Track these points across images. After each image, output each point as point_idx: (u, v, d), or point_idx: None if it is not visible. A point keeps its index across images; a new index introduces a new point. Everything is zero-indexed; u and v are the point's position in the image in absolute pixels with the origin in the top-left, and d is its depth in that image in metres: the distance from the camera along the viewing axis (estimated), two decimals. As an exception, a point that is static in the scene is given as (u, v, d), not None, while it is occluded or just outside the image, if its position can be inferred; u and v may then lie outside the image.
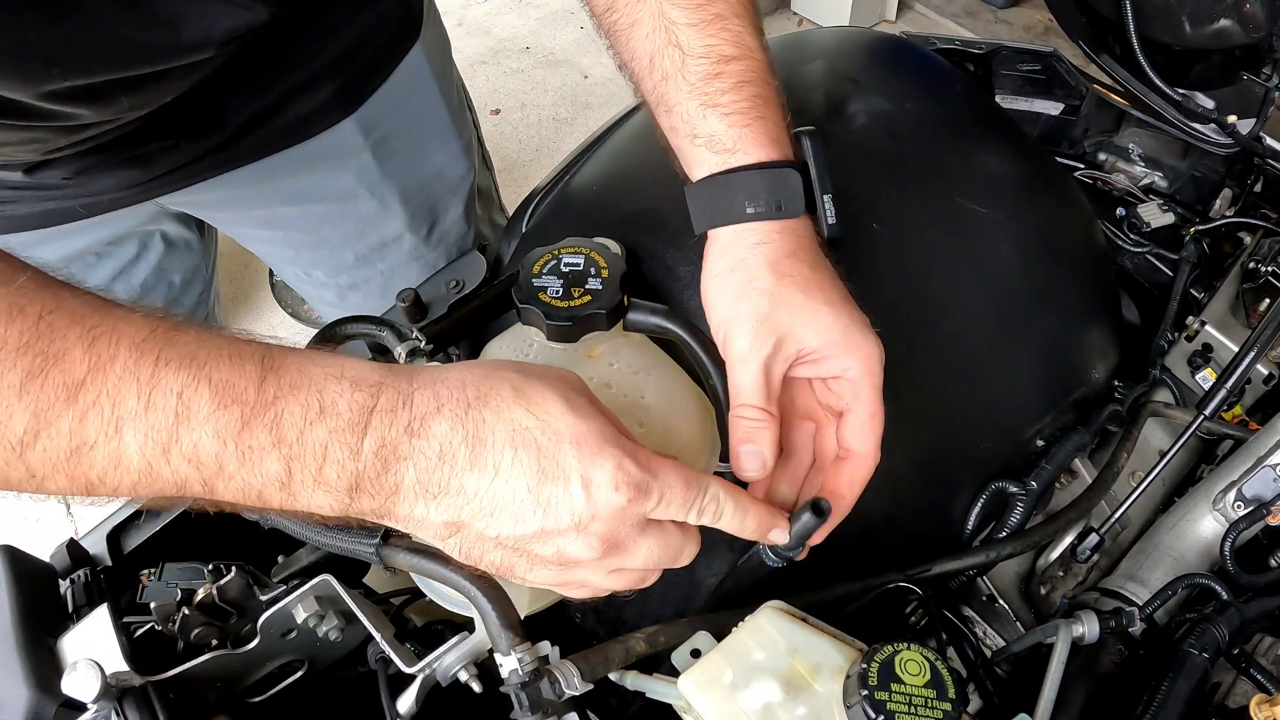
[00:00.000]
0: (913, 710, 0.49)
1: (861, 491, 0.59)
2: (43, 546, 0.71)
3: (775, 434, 0.57)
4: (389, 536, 0.57)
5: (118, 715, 0.55)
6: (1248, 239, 1.02)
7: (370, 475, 0.44)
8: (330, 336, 0.73)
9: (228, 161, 0.89)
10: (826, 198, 0.62)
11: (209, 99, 0.79)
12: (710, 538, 0.71)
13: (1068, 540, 0.81)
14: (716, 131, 0.60)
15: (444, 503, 0.46)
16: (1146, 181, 1.12)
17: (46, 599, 0.66)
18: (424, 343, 0.70)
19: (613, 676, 0.59)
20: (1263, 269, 0.93)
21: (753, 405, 0.57)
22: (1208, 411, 0.80)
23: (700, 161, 0.61)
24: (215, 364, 0.43)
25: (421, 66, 0.97)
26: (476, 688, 0.58)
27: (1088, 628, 0.67)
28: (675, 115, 0.62)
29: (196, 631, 0.63)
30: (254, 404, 0.42)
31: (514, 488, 0.46)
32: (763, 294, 0.57)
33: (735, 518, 0.52)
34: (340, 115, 0.92)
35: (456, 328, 0.79)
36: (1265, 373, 0.89)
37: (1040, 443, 0.80)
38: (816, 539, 0.58)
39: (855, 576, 0.72)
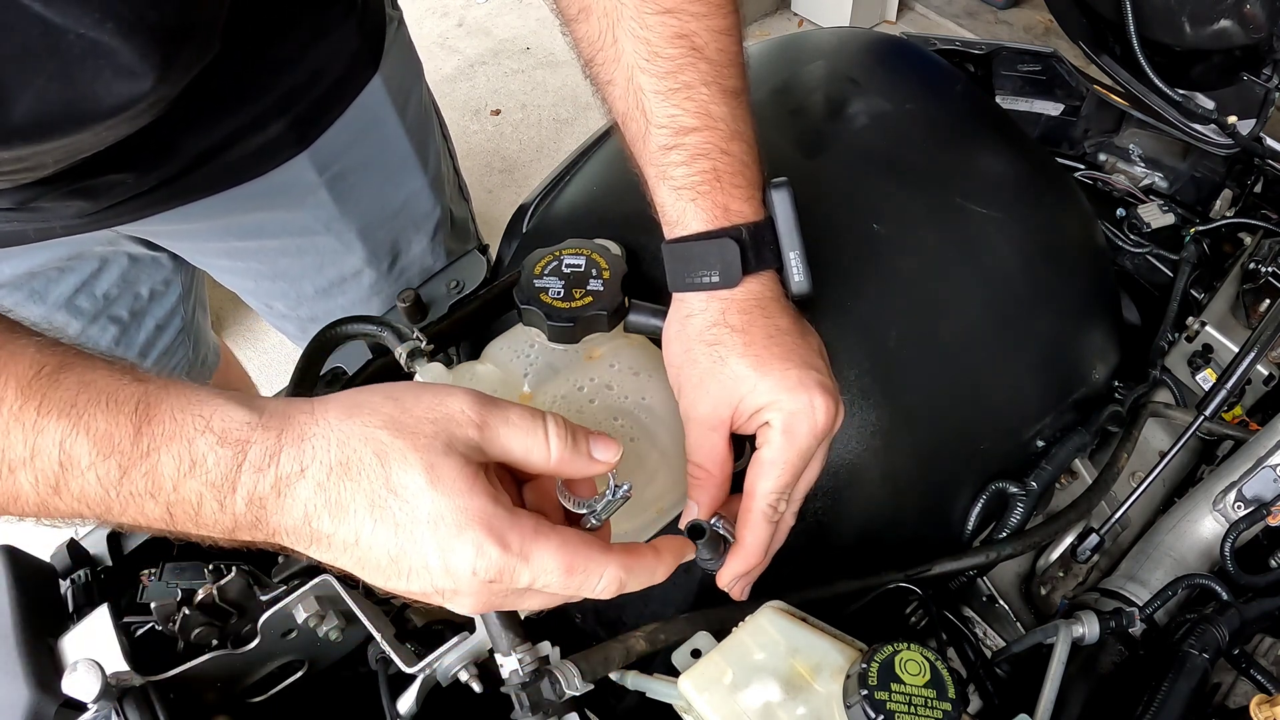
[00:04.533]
0: (913, 710, 0.49)
1: (754, 532, 0.60)
2: (43, 546, 0.71)
3: (713, 491, 0.61)
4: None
5: (118, 715, 0.55)
6: (1248, 239, 1.02)
7: (246, 523, 0.46)
8: (330, 337, 0.73)
9: (177, 196, 0.87)
10: (793, 254, 0.62)
11: (153, 134, 0.78)
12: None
13: (1068, 541, 0.81)
14: (666, 202, 0.62)
15: (319, 551, 0.47)
16: (1147, 182, 1.12)
17: (46, 599, 0.66)
18: (424, 343, 0.70)
19: (613, 676, 0.59)
20: (1263, 269, 0.93)
21: (693, 463, 0.61)
22: (1208, 412, 0.80)
23: (660, 224, 0.64)
24: (93, 413, 0.44)
25: (381, 100, 0.94)
26: (477, 688, 0.58)
27: (1088, 628, 0.67)
28: (642, 176, 0.63)
29: (197, 631, 0.63)
30: (130, 454, 0.44)
31: (376, 554, 0.46)
32: (695, 364, 0.61)
33: (639, 584, 0.51)
34: (292, 152, 0.89)
35: (457, 328, 0.79)
36: (1265, 373, 0.89)
37: (1040, 443, 0.80)
38: (731, 567, 0.61)
39: (855, 576, 0.72)
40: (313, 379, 0.71)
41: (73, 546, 0.72)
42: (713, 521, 0.61)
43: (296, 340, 1.15)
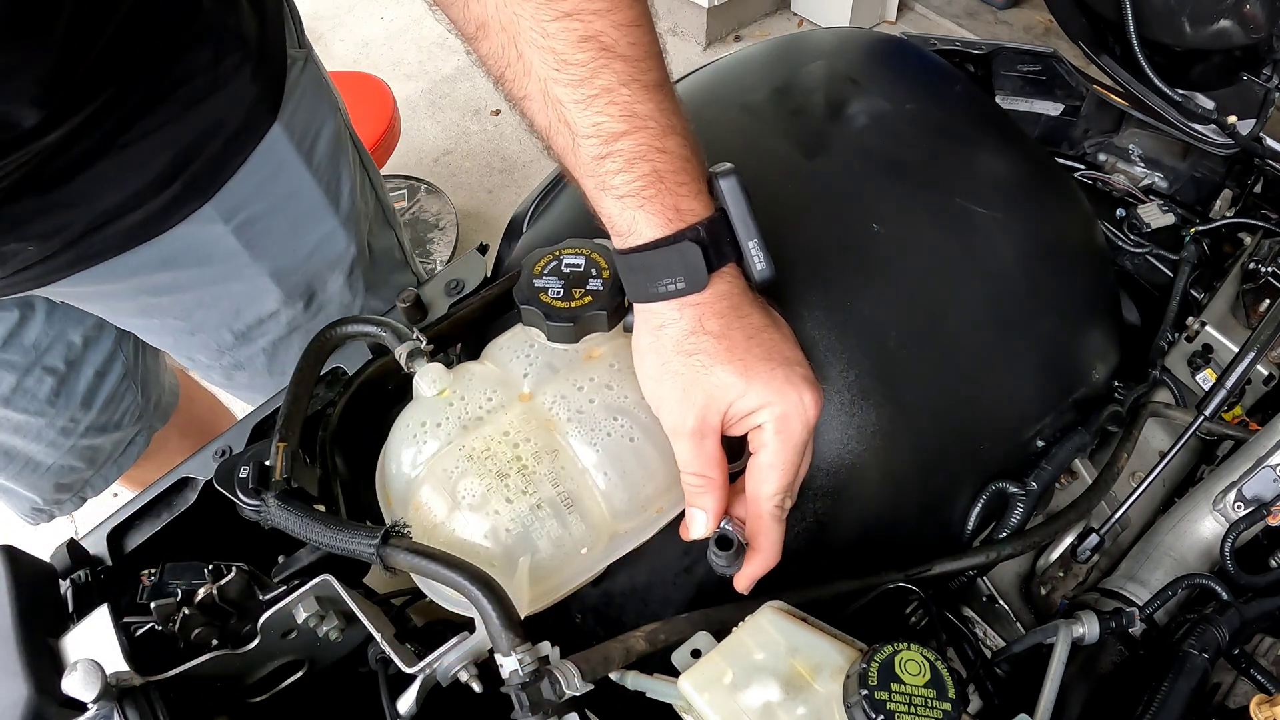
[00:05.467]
0: (913, 710, 0.49)
1: (769, 535, 0.61)
2: (43, 546, 0.71)
3: (717, 494, 0.61)
4: (389, 537, 0.58)
5: (118, 715, 0.55)
6: (1248, 239, 1.02)
7: None
8: (330, 338, 0.73)
9: (83, 259, 0.86)
10: (752, 243, 0.60)
11: (48, 199, 0.76)
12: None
13: (1068, 541, 0.80)
14: (612, 213, 0.60)
15: None
16: (1146, 182, 1.12)
17: (46, 599, 0.66)
18: (424, 343, 0.70)
19: (613, 676, 0.59)
20: (1263, 269, 0.93)
21: (690, 472, 0.61)
22: (1208, 412, 0.80)
23: (609, 236, 0.62)
24: None
25: (283, 146, 0.92)
26: (477, 688, 0.58)
27: (1088, 628, 0.67)
28: (580, 188, 0.61)
29: (197, 631, 0.63)
30: None
31: None
32: (675, 376, 0.60)
33: None
34: (194, 207, 0.88)
35: (456, 328, 0.79)
36: (1265, 373, 0.89)
37: (1040, 443, 0.80)
38: (751, 571, 0.62)
39: (855, 576, 0.72)
40: (311, 380, 0.71)
41: (73, 546, 0.72)
42: (724, 525, 0.61)
43: (227, 389, 1.14)
